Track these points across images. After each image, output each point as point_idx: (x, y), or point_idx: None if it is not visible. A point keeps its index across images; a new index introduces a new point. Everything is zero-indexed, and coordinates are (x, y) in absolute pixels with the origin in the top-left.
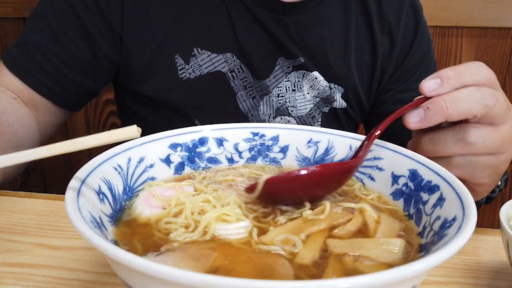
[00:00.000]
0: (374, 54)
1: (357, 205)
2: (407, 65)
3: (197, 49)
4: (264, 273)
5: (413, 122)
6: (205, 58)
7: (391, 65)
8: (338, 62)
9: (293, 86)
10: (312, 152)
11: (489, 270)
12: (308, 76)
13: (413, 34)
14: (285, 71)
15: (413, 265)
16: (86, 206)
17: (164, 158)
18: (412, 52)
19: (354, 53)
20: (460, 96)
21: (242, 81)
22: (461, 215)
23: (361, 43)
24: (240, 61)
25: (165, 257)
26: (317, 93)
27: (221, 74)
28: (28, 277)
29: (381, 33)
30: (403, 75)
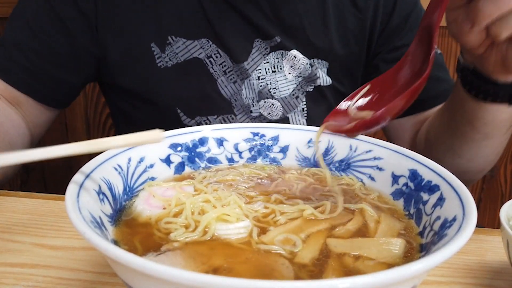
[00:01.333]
0: (360, 20)
1: (357, 205)
2: (393, 23)
3: (171, 37)
4: (264, 273)
5: None
6: (181, 45)
7: (377, 27)
8: (318, 36)
9: (272, 67)
10: (312, 152)
11: (490, 270)
12: (287, 55)
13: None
14: (262, 53)
15: (413, 265)
16: (86, 206)
17: (164, 158)
18: (397, 8)
19: (336, 24)
20: None
21: (221, 66)
22: (461, 215)
23: (342, 12)
24: (216, 46)
25: (165, 257)
26: (299, 73)
27: (198, 60)
28: (28, 277)
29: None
30: (390, 35)
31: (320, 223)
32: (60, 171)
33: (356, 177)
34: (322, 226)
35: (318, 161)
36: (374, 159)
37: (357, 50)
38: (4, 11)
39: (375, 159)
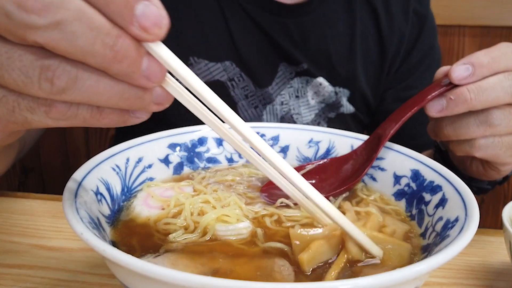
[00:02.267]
0: (383, 54)
1: (365, 208)
2: (411, 61)
3: (193, 58)
4: (264, 275)
5: (434, 112)
6: (202, 67)
7: (397, 63)
8: (343, 64)
9: (296, 92)
10: (313, 152)
11: (492, 271)
12: (312, 82)
13: (419, 28)
14: (287, 77)
15: (415, 266)
16: (84, 206)
17: (163, 158)
18: (417, 47)
19: (360, 54)
20: (487, 86)
21: (243, 90)
22: (463, 215)
23: (367, 43)
24: (239, 69)
25: (164, 258)
26: (322, 99)
27: (220, 83)
28: (26, 278)
29: (389, 30)
30: (406, 72)
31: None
32: (58, 171)
33: None
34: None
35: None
36: (376, 159)
37: (376, 82)
38: None
39: (376, 159)
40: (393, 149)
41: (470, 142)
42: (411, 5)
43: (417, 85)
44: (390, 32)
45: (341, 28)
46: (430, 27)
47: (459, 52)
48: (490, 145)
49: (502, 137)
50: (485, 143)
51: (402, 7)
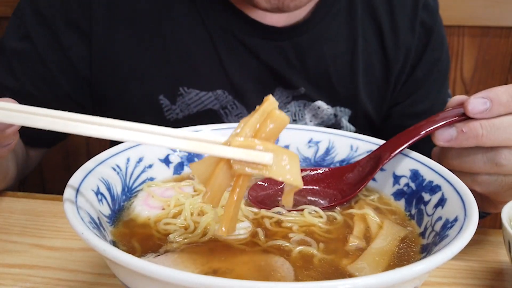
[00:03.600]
0: (387, 70)
1: (360, 211)
2: (417, 76)
3: (183, 88)
4: (264, 274)
5: (442, 140)
6: (193, 97)
7: (403, 77)
8: (344, 83)
9: (293, 116)
10: (312, 152)
11: (491, 271)
12: (310, 105)
13: (425, 41)
14: (284, 101)
15: (415, 266)
16: (84, 206)
17: (163, 158)
18: (423, 61)
19: (363, 71)
20: (500, 125)
21: (236, 118)
22: (462, 215)
23: (370, 59)
24: (232, 97)
25: (164, 258)
26: (321, 121)
27: (212, 112)
28: (26, 278)
29: (395, 47)
30: (412, 87)
31: None
32: (59, 171)
33: None
34: None
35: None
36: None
37: (380, 100)
38: (3, 11)
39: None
40: None
41: (473, 175)
42: (419, 17)
43: (424, 100)
44: (396, 49)
45: (341, 46)
46: (437, 39)
47: (459, 53)
48: (493, 182)
49: (506, 176)
50: (488, 180)
51: (409, 20)
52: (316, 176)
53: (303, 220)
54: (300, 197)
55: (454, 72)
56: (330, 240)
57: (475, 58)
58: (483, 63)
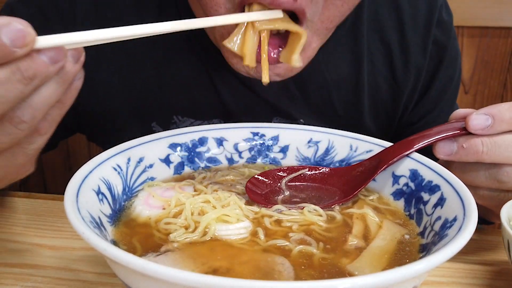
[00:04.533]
0: (396, 93)
1: (360, 210)
2: (430, 97)
3: (177, 116)
4: (264, 273)
5: (442, 154)
6: (188, 125)
7: (414, 99)
8: (348, 109)
9: None
10: (312, 152)
11: (490, 270)
12: None
13: (438, 60)
14: None
15: (414, 266)
16: (85, 206)
17: (163, 158)
18: (436, 81)
19: (368, 94)
20: (502, 143)
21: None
22: (461, 215)
23: (376, 81)
24: None
25: (164, 258)
26: None
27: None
28: (28, 277)
29: (404, 68)
30: (425, 107)
31: None
32: (59, 171)
33: None
34: None
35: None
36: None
37: (386, 123)
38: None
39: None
40: None
41: (475, 189)
42: (432, 35)
43: (437, 120)
44: (405, 70)
45: (344, 71)
46: (451, 56)
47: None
48: (495, 197)
49: (508, 192)
50: (490, 195)
51: (421, 39)
52: (316, 175)
53: (303, 219)
54: (300, 194)
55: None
56: (329, 239)
57: (474, 58)
58: (482, 63)
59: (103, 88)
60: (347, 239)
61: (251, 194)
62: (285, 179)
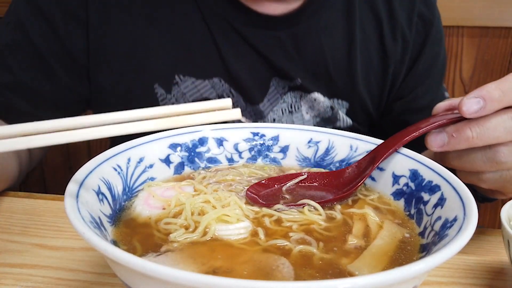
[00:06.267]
0: (385, 62)
1: (360, 210)
2: (418, 70)
3: (179, 76)
4: (264, 273)
5: (435, 146)
6: (189, 85)
7: (403, 71)
8: (341, 75)
9: (289, 107)
10: (312, 152)
11: (490, 270)
12: (307, 97)
13: (424, 35)
14: (280, 92)
15: (414, 265)
16: (85, 206)
17: (163, 158)
18: (423, 55)
19: (361, 63)
20: (490, 126)
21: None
22: (462, 215)
23: (368, 50)
24: (229, 86)
25: (164, 258)
26: (317, 113)
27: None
28: (28, 277)
29: (392, 38)
30: (414, 80)
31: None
32: (60, 171)
33: None
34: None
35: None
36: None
37: (378, 93)
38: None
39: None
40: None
41: (477, 174)
42: (416, 8)
43: (424, 95)
44: (393, 40)
45: (339, 37)
46: (436, 34)
47: (458, 53)
48: (498, 178)
49: (510, 170)
50: (493, 177)
51: (407, 12)
52: (314, 175)
53: (303, 218)
54: (299, 196)
55: (454, 73)
56: (329, 239)
57: (474, 58)
58: (482, 63)
59: (109, 49)
60: (347, 239)
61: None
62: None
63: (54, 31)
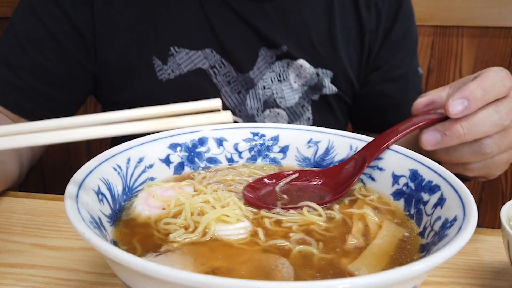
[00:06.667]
0: (362, 32)
1: (360, 210)
2: (392, 40)
3: (173, 48)
4: (264, 273)
5: (429, 145)
6: (184, 56)
7: (378, 41)
8: (324, 45)
9: (278, 76)
10: (312, 152)
11: (490, 270)
12: (293, 64)
13: (396, 7)
14: (268, 62)
15: (414, 265)
16: (85, 206)
17: (163, 158)
18: (396, 26)
19: (341, 33)
20: (478, 121)
21: (224, 76)
22: (461, 215)
23: (346, 22)
24: (220, 56)
25: (164, 258)
26: (304, 82)
27: (202, 71)
28: (28, 277)
29: (367, 9)
30: (389, 51)
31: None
32: (60, 171)
33: None
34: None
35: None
36: (375, 159)
37: (358, 61)
38: (3, 11)
39: (375, 159)
40: (392, 149)
41: (464, 165)
42: None
43: (400, 66)
44: (368, 11)
45: (319, 10)
46: (407, 9)
47: (458, 53)
48: (483, 166)
49: (493, 158)
50: (478, 166)
51: None
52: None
53: (303, 219)
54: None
55: (454, 73)
56: (329, 239)
57: (474, 59)
58: (482, 63)
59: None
60: (346, 239)
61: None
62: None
63: (64, 13)
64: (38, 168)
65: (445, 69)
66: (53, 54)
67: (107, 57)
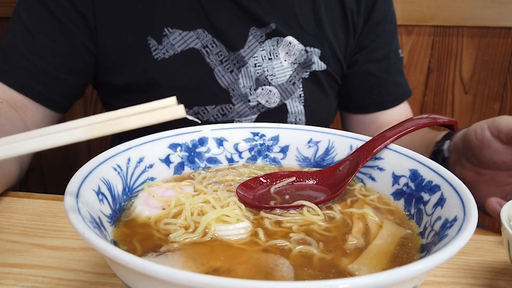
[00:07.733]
0: (344, 11)
1: (360, 210)
2: (374, 21)
3: (167, 28)
4: (264, 273)
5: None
6: (177, 36)
7: (360, 21)
8: (310, 24)
9: (269, 54)
10: (312, 152)
11: (490, 270)
12: (282, 42)
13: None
14: (258, 40)
15: (414, 265)
16: (85, 206)
17: (163, 158)
18: (376, 8)
19: (325, 13)
20: None
21: (217, 56)
22: (462, 215)
23: (330, 2)
24: (212, 36)
25: (164, 258)
26: (294, 59)
27: (195, 51)
28: (27, 277)
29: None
30: (371, 32)
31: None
32: (60, 171)
33: (357, 177)
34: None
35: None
36: (375, 159)
37: (344, 39)
38: (3, 11)
39: (375, 159)
40: (392, 149)
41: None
42: None
43: (382, 46)
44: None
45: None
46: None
47: (458, 53)
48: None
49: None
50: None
51: None
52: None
53: (303, 219)
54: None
55: (454, 72)
56: (329, 239)
57: (474, 59)
58: (482, 63)
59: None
60: (347, 239)
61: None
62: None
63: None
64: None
65: (445, 69)
66: (60, 37)
67: (107, 39)
